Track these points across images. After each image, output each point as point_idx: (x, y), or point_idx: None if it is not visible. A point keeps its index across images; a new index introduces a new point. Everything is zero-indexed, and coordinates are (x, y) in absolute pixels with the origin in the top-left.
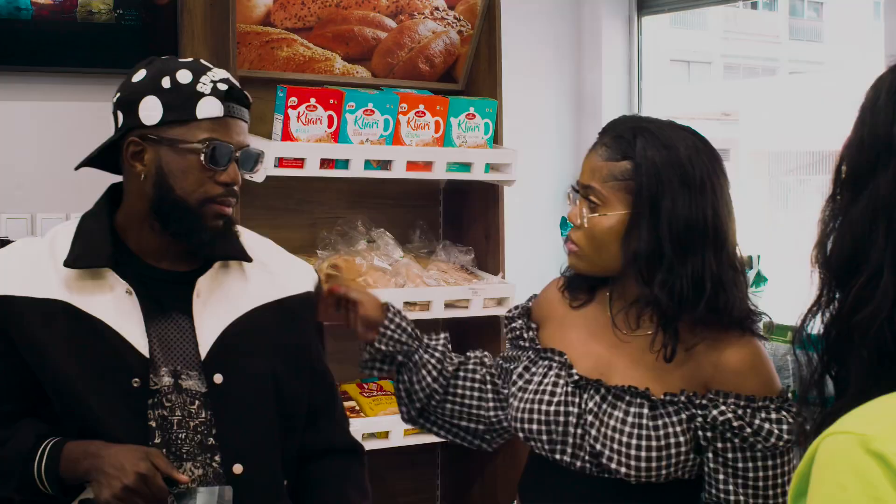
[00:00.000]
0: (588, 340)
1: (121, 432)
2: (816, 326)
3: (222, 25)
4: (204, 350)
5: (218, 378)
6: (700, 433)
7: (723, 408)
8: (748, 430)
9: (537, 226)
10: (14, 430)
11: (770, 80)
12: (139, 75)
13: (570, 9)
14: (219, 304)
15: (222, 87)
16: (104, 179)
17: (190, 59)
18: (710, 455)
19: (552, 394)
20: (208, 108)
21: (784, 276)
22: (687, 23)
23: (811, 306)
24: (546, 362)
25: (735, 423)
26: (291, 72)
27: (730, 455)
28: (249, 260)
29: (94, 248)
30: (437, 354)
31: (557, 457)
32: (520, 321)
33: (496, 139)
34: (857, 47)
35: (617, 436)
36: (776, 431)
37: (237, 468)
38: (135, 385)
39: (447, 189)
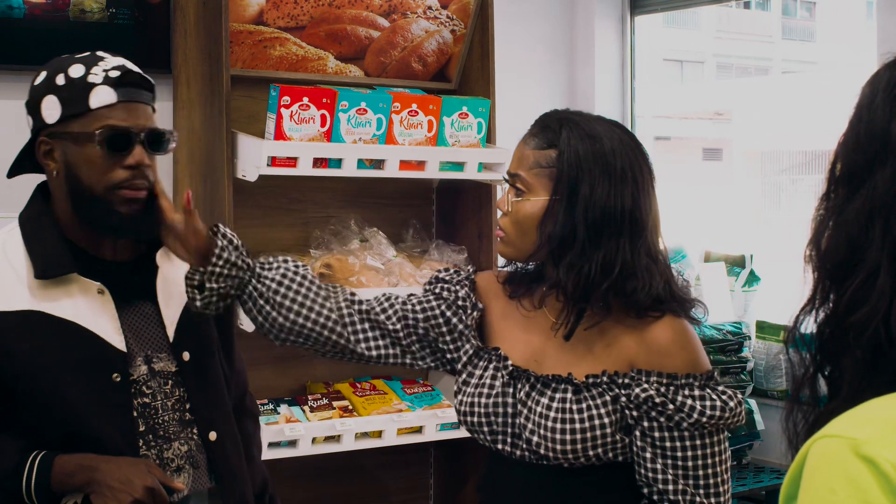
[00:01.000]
0: (524, 331)
1: (108, 428)
2: (809, 326)
3: (215, 24)
4: (171, 331)
5: (186, 355)
6: (626, 412)
7: (645, 385)
8: (671, 406)
9: None
10: None
11: (763, 79)
12: (40, 77)
13: (564, 8)
14: (173, 286)
15: (114, 74)
16: None
17: (87, 53)
18: (638, 434)
19: (491, 386)
20: (101, 97)
21: (777, 275)
22: (680, 22)
23: (804, 305)
24: (486, 355)
25: (657, 400)
26: (284, 71)
27: (657, 434)
28: None
29: (55, 254)
30: (272, 284)
31: (500, 447)
32: (463, 291)
33: (489, 138)
34: (850, 47)
35: (543, 421)
36: (698, 407)
37: (212, 436)
38: (116, 380)
39: (440, 188)
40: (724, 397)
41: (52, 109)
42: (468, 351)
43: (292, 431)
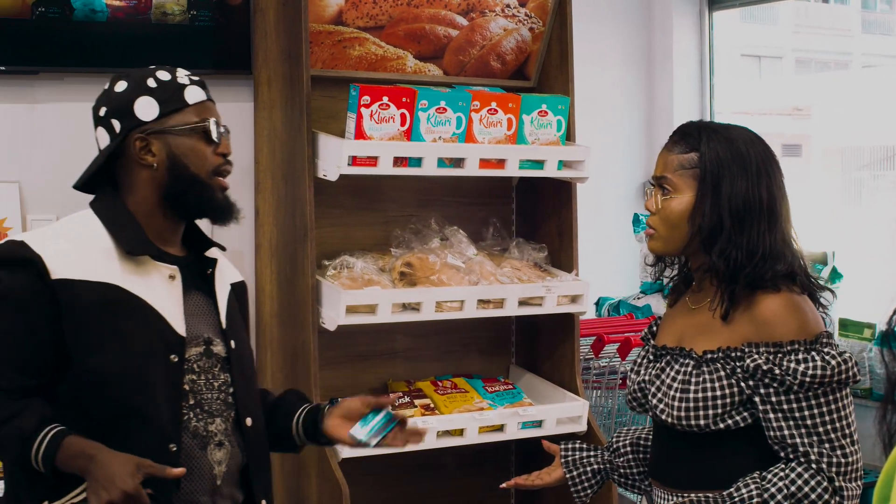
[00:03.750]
0: (674, 320)
1: (160, 400)
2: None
3: (294, 25)
4: (223, 319)
5: (233, 343)
6: (742, 384)
7: (755, 356)
8: (777, 371)
9: (610, 223)
10: (21, 406)
11: (842, 74)
12: (120, 86)
13: (641, 4)
14: (221, 281)
15: (195, 77)
16: None
17: (153, 66)
18: (757, 400)
19: (640, 366)
20: (193, 94)
21: (858, 273)
22: (757, 17)
23: None
24: (646, 346)
25: (765, 368)
26: (364, 71)
27: (774, 399)
28: (224, 249)
29: (137, 235)
30: (621, 469)
31: (649, 413)
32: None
33: (568, 136)
34: None
35: (666, 390)
36: (801, 369)
37: (248, 421)
38: (173, 361)
39: (520, 186)
40: (827, 357)
41: (148, 108)
42: None
43: None
